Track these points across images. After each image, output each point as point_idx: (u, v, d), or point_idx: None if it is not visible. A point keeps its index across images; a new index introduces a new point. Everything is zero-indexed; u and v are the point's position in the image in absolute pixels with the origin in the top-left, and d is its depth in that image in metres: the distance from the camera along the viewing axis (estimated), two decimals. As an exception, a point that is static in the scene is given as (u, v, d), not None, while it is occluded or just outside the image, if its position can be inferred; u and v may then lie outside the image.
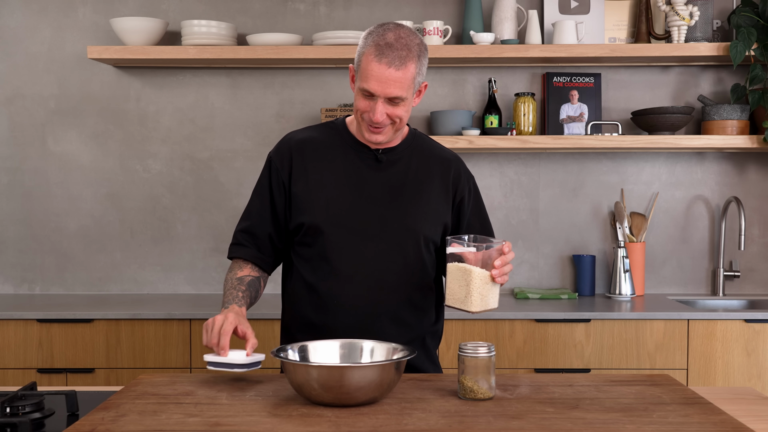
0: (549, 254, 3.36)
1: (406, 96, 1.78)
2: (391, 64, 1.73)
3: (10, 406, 1.51)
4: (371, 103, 1.78)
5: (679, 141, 3.11)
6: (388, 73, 1.74)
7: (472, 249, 1.67)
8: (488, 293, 1.67)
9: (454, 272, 1.68)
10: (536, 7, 3.31)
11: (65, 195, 3.34)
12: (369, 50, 1.76)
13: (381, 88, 1.75)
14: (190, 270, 3.35)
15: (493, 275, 1.66)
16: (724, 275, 3.31)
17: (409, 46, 1.76)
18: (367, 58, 1.75)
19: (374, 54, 1.74)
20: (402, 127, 1.85)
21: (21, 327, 2.83)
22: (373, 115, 1.77)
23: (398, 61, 1.74)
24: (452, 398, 1.56)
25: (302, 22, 3.32)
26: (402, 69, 1.74)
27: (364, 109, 1.80)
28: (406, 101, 1.80)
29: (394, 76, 1.74)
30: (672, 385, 1.68)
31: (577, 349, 2.83)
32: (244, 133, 3.34)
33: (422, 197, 1.90)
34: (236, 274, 1.91)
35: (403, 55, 1.74)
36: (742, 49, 3.04)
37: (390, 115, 1.79)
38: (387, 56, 1.73)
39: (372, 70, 1.74)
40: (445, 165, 1.96)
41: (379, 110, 1.77)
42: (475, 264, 1.67)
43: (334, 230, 1.85)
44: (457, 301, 1.68)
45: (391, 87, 1.75)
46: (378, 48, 1.74)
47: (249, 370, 1.66)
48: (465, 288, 1.66)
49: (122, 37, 3.12)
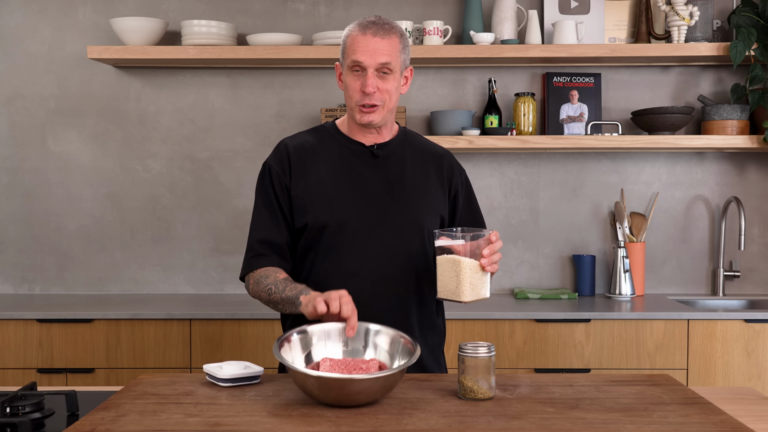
0: (549, 254, 3.36)
1: (394, 66, 1.84)
2: (376, 34, 1.83)
3: (10, 406, 1.51)
4: (362, 79, 1.84)
5: (679, 141, 3.11)
6: (374, 41, 1.82)
7: (460, 240, 1.70)
8: (479, 283, 1.71)
9: (444, 264, 1.71)
10: (536, 7, 3.31)
11: (65, 195, 3.34)
12: (353, 30, 1.86)
13: (370, 57, 1.82)
14: (190, 270, 3.35)
15: (482, 264, 1.70)
16: (724, 275, 3.31)
17: (390, 23, 1.87)
18: (353, 36, 1.85)
19: (359, 30, 1.84)
20: (390, 108, 1.88)
21: (21, 327, 2.83)
22: (365, 87, 1.82)
23: (383, 32, 1.83)
24: (452, 398, 1.56)
25: (302, 22, 3.32)
26: (387, 38, 1.83)
27: (357, 87, 1.84)
28: (395, 75, 1.85)
29: (381, 45, 1.82)
30: (672, 385, 1.68)
31: (577, 349, 2.83)
32: (244, 133, 3.34)
33: (421, 191, 1.93)
34: (279, 277, 1.86)
35: (386, 28, 1.84)
36: (742, 49, 3.04)
37: (380, 89, 1.83)
38: (371, 29, 1.83)
39: (358, 42, 1.83)
40: (438, 160, 2.00)
41: (371, 81, 1.82)
42: (464, 255, 1.70)
43: (338, 227, 1.86)
44: (449, 293, 1.71)
45: (378, 54, 1.82)
46: (361, 25, 1.85)
47: (249, 384, 1.65)
48: (455, 279, 1.69)
49: (122, 37, 3.12)
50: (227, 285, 3.34)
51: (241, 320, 2.82)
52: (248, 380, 1.66)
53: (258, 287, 1.88)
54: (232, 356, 2.80)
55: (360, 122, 1.88)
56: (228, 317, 2.81)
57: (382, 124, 1.91)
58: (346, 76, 1.87)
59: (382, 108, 1.86)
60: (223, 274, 3.34)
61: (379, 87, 1.83)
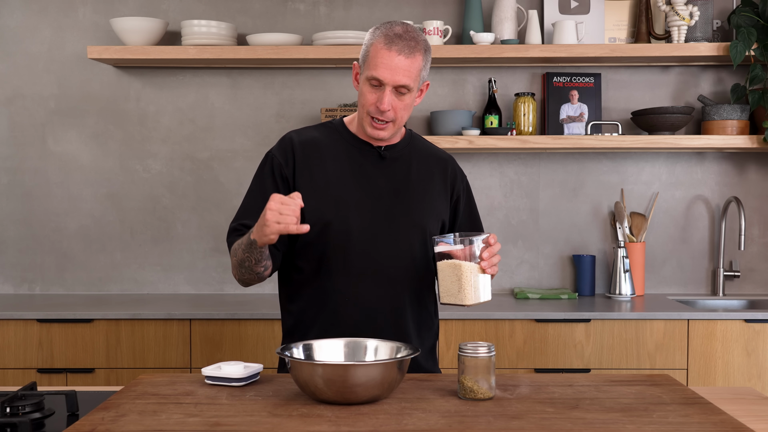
0: (549, 254, 3.36)
1: (413, 87, 1.81)
2: (401, 52, 1.77)
3: (10, 406, 1.51)
4: (379, 94, 1.80)
5: (679, 141, 3.11)
6: (397, 60, 1.77)
7: (459, 245, 1.71)
8: (480, 285, 1.72)
9: (445, 269, 1.72)
10: (536, 7, 3.31)
11: (65, 195, 3.34)
12: (378, 40, 1.79)
13: (390, 75, 1.77)
14: (190, 270, 3.35)
15: (482, 267, 1.71)
16: (724, 275, 3.31)
17: (417, 38, 1.80)
18: (377, 47, 1.78)
19: (384, 43, 1.78)
20: (401, 124, 1.88)
21: (21, 327, 2.83)
22: (380, 104, 1.79)
23: (407, 50, 1.77)
24: (452, 398, 1.56)
25: (302, 22, 3.32)
26: (411, 58, 1.78)
27: (372, 101, 1.81)
28: (411, 94, 1.82)
29: (404, 64, 1.77)
30: (672, 385, 1.68)
31: (577, 349, 2.83)
32: (244, 133, 3.34)
33: (426, 194, 1.93)
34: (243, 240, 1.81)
35: (412, 45, 1.78)
36: (742, 49, 3.04)
37: (395, 107, 1.81)
38: (397, 44, 1.77)
39: (382, 57, 1.77)
40: (442, 164, 2.00)
41: (387, 99, 1.79)
42: (464, 259, 1.71)
43: (343, 227, 1.85)
44: (452, 297, 1.73)
45: (399, 74, 1.77)
46: (387, 38, 1.78)
47: (247, 383, 1.65)
48: (457, 283, 1.71)
49: (122, 37, 3.12)
50: (227, 285, 3.34)
51: (241, 320, 2.82)
52: (254, 378, 1.67)
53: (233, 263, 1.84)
54: (232, 356, 2.80)
55: (370, 135, 1.86)
56: (228, 317, 2.81)
57: (391, 138, 1.90)
58: (363, 85, 1.84)
59: (394, 124, 1.85)
60: (223, 274, 3.34)
61: (394, 105, 1.81)
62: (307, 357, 1.64)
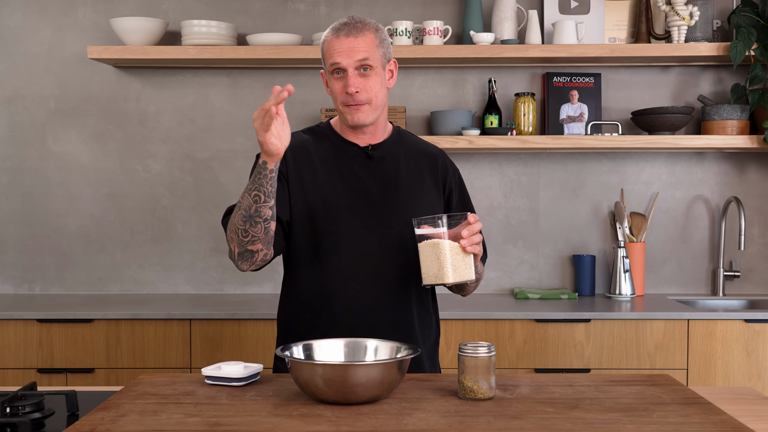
0: (549, 254, 3.36)
1: (373, 62, 1.83)
2: (349, 34, 1.83)
3: (10, 406, 1.51)
4: (345, 80, 1.83)
5: (679, 141, 3.11)
6: (348, 41, 1.83)
7: (440, 227, 1.71)
8: (461, 264, 1.72)
9: (425, 249, 1.72)
10: (536, 7, 3.31)
11: (65, 195, 3.34)
12: (327, 35, 1.87)
13: (346, 56, 1.82)
14: (190, 270, 3.35)
15: (462, 245, 1.70)
16: (724, 275, 3.31)
17: (363, 21, 1.87)
18: (328, 41, 1.86)
19: (332, 34, 1.86)
20: (379, 106, 1.88)
21: (21, 327, 2.83)
22: (348, 88, 1.82)
23: (355, 31, 1.83)
24: (452, 398, 1.56)
25: (302, 22, 3.32)
26: (360, 36, 1.83)
27: (340, 89, 1.85)
28: (376, 70, 1.85)
29: (355, 43, 1.82)
30: (672, 385, 1.68)
31: (577, 349, 2.83)
32: (244, 133, 3.34)
33: (417, 191, 1.93)
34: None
35: (359, 27, 1.84)
36: (742, 49, 3.04)
37: (364, 88, 1.83)
38: (343, 30, 1.84)
39: (333, 45, 1.84)
40: (432, 159, 2.00)
41: (352, 80, 1.82)
42: (444, 239, 1.70)
43: (334, 228, 1.86)
44: (432, 277, 1.72)
45: (354, 53, 1.82)
46: (334, 29, 1.86)
47: (247, 383, 1.65)
48: (437, 262, 1.70)
49: (122, 37, 3.12)
50: (227, 285, 3.34)
51: (241, 320, 2.82)
52: (254, 378, 1.67)
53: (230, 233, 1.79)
54: (232, 356, 2.80)
55: (351, 123, 1.87)
56: (228, 317, 2.81)
57: (373, 123, 1.90)
58: (330, 82, 1.88)
59: (370, 106, 1.86)
60: (223, 274, 3.34)
61: (362, 85, 1.83)
62: (307, 357, 1.64)
